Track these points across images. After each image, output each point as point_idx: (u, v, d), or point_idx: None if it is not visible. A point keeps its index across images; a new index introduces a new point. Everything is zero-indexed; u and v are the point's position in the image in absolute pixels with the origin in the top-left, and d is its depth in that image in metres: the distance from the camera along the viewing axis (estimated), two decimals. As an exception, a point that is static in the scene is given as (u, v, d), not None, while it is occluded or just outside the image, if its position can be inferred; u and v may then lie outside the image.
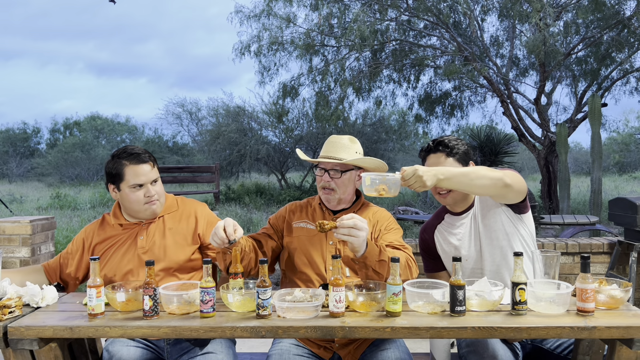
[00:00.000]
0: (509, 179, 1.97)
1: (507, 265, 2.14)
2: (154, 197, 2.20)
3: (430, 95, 12.10)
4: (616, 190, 16.11)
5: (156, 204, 2.21)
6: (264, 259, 1.73)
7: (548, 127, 10.66)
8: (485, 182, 1.94)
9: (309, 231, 2.20)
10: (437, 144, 2.22)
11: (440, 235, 2.31)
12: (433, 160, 2.22)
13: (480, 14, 10.89)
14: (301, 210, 2.29)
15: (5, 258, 3.94)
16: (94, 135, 30.65)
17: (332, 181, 2.16)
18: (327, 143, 2.24)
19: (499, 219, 2.14)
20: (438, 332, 1.61)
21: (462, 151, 2.21)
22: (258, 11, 10.92)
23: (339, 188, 2.17)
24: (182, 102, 23.24)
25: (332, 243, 2.15)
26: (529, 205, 2.19)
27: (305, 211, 2.28)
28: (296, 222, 2.25)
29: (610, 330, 1.59)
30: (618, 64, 10.39)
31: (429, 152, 2.24)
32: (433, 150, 2.22)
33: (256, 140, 15.92)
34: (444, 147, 2.20)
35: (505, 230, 2.14)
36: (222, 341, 2.09)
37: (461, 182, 1.94)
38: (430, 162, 2.23)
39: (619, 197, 3.93)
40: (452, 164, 2.18)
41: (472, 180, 1.93)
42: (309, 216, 2.25)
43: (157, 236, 2.22)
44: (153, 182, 2.21)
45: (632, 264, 3.65)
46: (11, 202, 13.31)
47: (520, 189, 2.04)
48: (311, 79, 11.19)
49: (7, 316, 1.71)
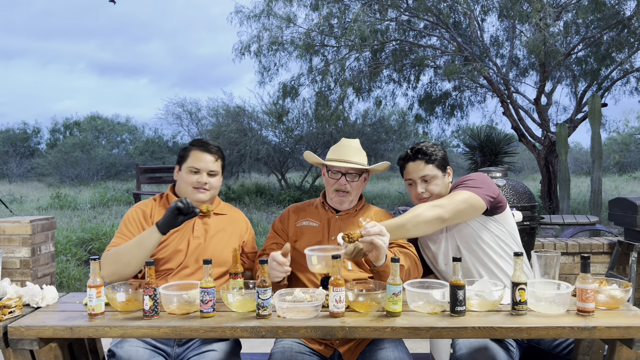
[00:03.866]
0: (449, 212, 2.06)
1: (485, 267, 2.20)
2: (205, 186, 2.24)
3: (430, 95, 12.10)
4: (616, 190, 16.11)
5: (205, 193, 2.25)
6: (264, 259, 1.73)
7: (548, 127, 10.67)
8: (422, 227, 2.05)
9: (312, 229, 2.25)
10: (415, 152, 2.26)
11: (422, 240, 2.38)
12: (412, 168, 2.27)
13: (480, 14, 10.89)
14: (304, 209, 2.34)
15: (5, 258, 3.94)
16: (94, 135, 30.65)
17: (348, 184, 2.22)
18: (340, 146, 2.28)
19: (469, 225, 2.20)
20: (438, 332, 1.61)
21: (440, 157, 2.27)
22: (258, 11, 10.92)
23: (353, 191, 2.24)
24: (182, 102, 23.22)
25: (335, 238, 2.17)
26: (502, 204, 2.23)
27: (307, 210, 2.33)
28: (299, 222, 2.29)
29: (610, 330, 1.59)
30: (618, 64, 10.39)
31: (407, 160, 2.29)
32: (412, 159, 2.27)
33: (256, 140, 15.93)
34: (423, 155, 2.25)
35: (478, 234, 2.20)
36: (228, 342, 2.07)
37: (400, 234, 2.04)
38: (409, 170, 2.28)
39: (619, 197, 3.93)
40: (431, 170, 2.24)
41: (409, 230, 2.03)
42: (312, 215, 2.30)
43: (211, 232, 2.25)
44: (211, 173, 2.26)
45: (632, 264, 3.65)
46: (11, 202, 13.31)
47: (475, 209, 2.12)
48: (311, 79, 11.19)
49: (7, 316, 1.71)
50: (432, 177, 2.24)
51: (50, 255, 4.25)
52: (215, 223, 2.30)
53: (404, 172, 2.34)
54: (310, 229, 2.25)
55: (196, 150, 2.25)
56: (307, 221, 2.28)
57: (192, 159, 2.24)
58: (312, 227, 2.26)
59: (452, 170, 2.35)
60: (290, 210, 2.37)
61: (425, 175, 2.24)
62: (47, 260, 4.21)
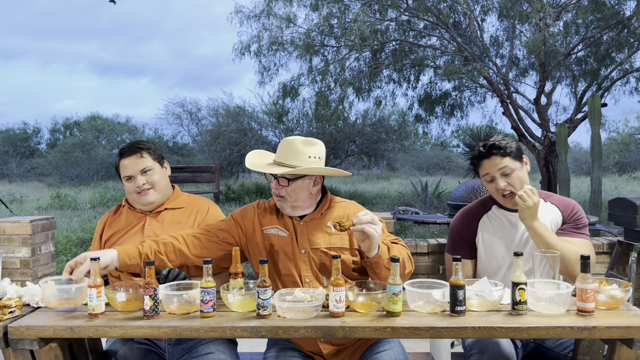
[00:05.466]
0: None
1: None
2: (144, 187, 2.21)
3: (430, 95, 12.10)
4: (616, 190, 16.11)
5: (148, 193, 2.22)
6: (264, 259, 1.72)
7: (548, 127, 10.67)
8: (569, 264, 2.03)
9: (282, 239, 2.06)
10: (489, 148, 2.15)
11: (484, 226, 2.28)
12: (488, 164, 2.15)
13: (480, 14, 10.89)
14: (271, 213, 2.13)
15: (5, 258, 3.94)
16: (94, 135, 30.67)
17: (282, 189, 2.02)
18: (280, 146, 2.08)
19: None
20: (438, 332, 1.61)
21: (515, 148, 2.17)
22: (258, 11, 10.93)
23: (289, 196, 2.02)
24: (182, 102, 23.27)
25: (305, 252, 2.04)
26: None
27: (275, 215, 2.12)
28: (267, 228, 2.09)
29: (610, 330, 1.59)
30: (618, 64, 10.39)
31: (481, 158, 2.17)
32: (486, 156, 2.15)
33: (256, 140, 15.94)
34: (497, 149, 2.14)
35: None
36: (223, 341, 2.09)
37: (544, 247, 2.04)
38: (485, 167, 2.17)
39: (618, 197, 3.93)
40: (509, 162, 2.14)
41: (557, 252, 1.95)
42: (278, 221, 2.10)
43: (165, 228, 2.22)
44: (143, 172, 2.22)
45: (632, 264, 3.65)
46: (11, 202, 13.31)
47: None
48: (311, 79, 11.19)
49: (7, 316, 1.71)
50: (512, 170, 2.13)
51: (50, 255, 4.25)
52: (170, 218, 2.26)
53: (479, 170, 2.21)
54: (279, 239, 2.06)
55: (121, 160, 2.25)
56: (276, 229, 2.08)
57: (122, 169, 2.25)
58: (281, 236, 2.07)
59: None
60: (256, 210, 2.15)
61: (504, 167, 2.13)
62: (47, 260, 4.21)
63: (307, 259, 2.04)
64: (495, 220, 2.27)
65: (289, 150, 2.03)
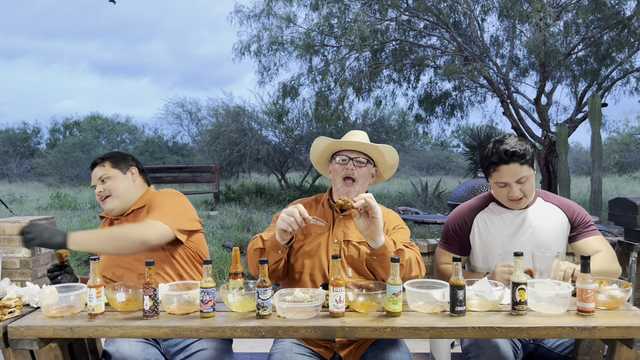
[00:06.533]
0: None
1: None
2: (101, 194, 2.31)
3: (430, 95, 12.10)
4: (616, 190, 16.10)
5: (106, 201, 2.30)
6: (264, 259, 1.72)
7: (548, 127, 10.67)
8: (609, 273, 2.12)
9: (319, 228, 2.16)
10: (510, 155, 2.10)
11: (482, 222, 2.28)
12: (506, 172, 2.12)
13: (480, 14, 10.90)
14: (310, 207, 2.24)
15: (5, 258, 3.94)
16: (94, 135, 30.65)
17: (355, 169, 2.14)
18: (348, 135, 2.23)
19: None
20: (438, 332, 1.61)
21: (531, 154, 2.15)
22: (258, 11, 10.93)
23: (360, 179, 2.14)
24: (182, 102, 23.24)
25: (337, 242, 2.12)
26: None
27: (314, 208, 2.24)
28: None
29: (610, 330, 1.59)
30: (618, 64, 10.40)
31: (499, 163, 2.13)
32: (505, 162, 2.11)
33: (256, 140, 15.91)
34: (518, 157, 2.10)
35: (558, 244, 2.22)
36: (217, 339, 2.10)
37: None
38: (502, 173, 2.13)
39: (619, 197, 3.93)
40: (527, 171, 2.12)
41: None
42: (319, 212, 2.21)
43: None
44: (102, 181, 2.32)
45: (632, 264, 3.65)
46: (11, 202, 13.31)
47: None
48: (311, 79, 11.20)
49: (7, 316, 1.71)
50: (527, 178, 2.13)
51: (50, 255, 4.25)
52: (132, 219, 2.30)
53: (493, 174, 2.16)
54: (317, 228, 2.16)
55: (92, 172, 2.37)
56: (315, 219, 2.17)
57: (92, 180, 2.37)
58: (319, 226, 2.17)
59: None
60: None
61: (521, 178, 2.12)
62: (47, 260, 4.21)
63: (337, 247, 2.12)
64: (492, 217, 2.28)
65: (360, 137, 2.20)
